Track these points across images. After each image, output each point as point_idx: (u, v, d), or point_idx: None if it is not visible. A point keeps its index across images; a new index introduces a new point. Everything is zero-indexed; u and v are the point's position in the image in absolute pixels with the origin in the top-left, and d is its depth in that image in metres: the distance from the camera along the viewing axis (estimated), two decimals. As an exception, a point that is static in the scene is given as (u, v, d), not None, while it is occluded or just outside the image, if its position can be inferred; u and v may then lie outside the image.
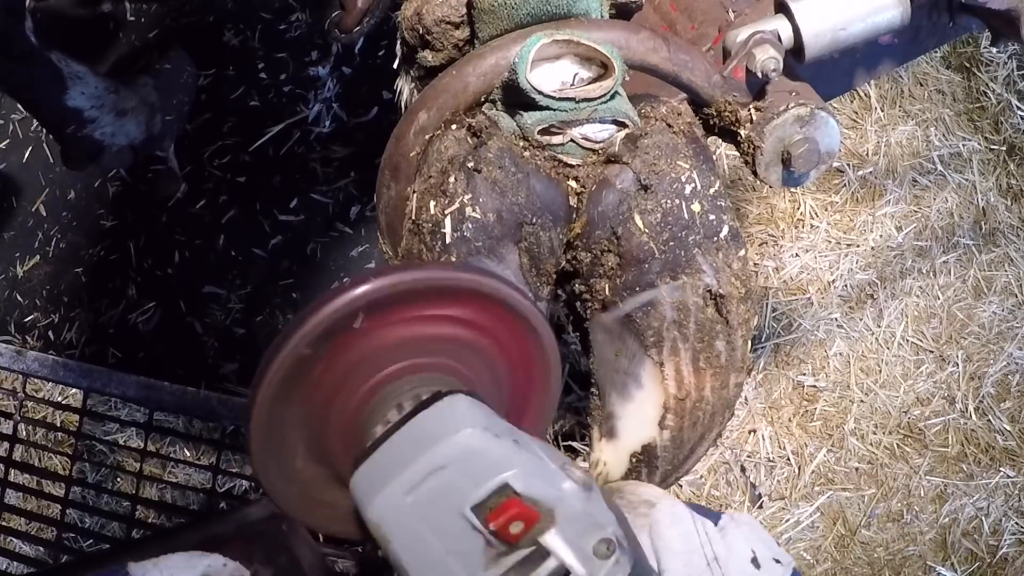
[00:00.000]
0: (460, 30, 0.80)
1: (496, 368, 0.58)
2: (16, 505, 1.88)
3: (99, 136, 1.75)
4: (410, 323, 0.54)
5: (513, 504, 0.46)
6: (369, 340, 0.53)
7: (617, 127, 0.74)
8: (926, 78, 2.05)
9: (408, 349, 0.54)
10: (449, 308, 0.54)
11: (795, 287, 1.96)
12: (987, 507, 1.85)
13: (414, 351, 0.54)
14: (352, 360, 0.53)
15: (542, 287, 0.74)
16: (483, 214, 0.70)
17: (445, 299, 0.54)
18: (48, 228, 2.07)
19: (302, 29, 2.04)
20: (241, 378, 1.90)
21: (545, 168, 0.74)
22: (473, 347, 0.56)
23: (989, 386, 1.90)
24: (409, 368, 0.54)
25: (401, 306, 0.53)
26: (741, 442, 1.90)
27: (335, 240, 1.94)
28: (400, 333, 0.54)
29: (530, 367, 0.59)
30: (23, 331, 2.03)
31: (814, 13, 0.80)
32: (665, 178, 0.73)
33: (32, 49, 1.54)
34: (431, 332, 0.54)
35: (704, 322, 0.75)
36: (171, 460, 1.93)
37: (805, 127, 0.80)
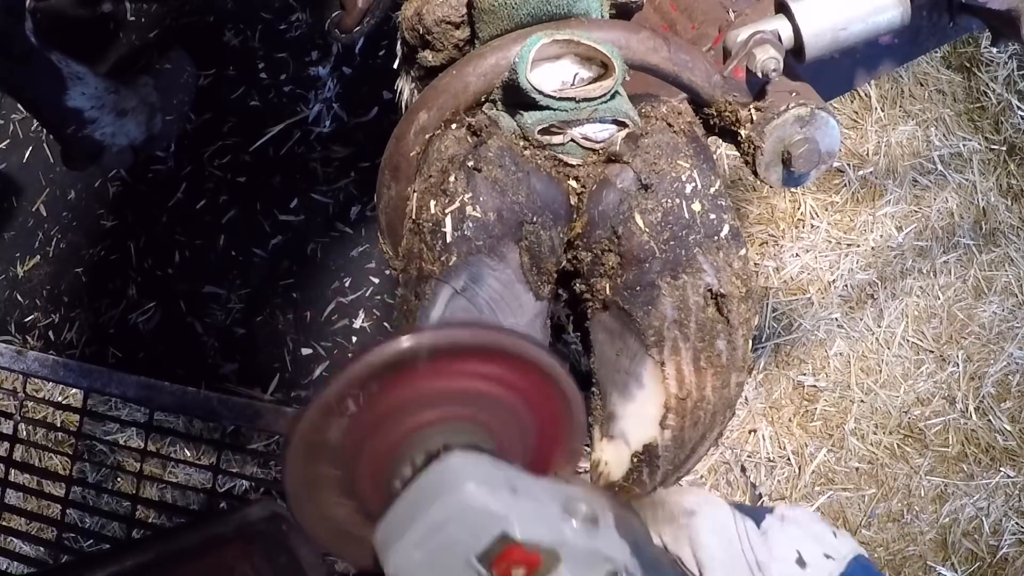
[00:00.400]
0: (460, 30, 0.80)
1: (522, 419, 0.60)
2: (16, 505, 1.88)
3: (99, 136, 1.75)
4: (443, 377, 0.56)
5: (514, 551, 0.49)
6: (402, 391, 0.56)
7: (617, 127, 0.74)
8: (926, 78, 2.05)
9: (438, 400, 0.57)
10: (481, 365, 0.57)
11: (795, 287, 1.96)
12: (987, 507, 1.85)
13: (444, 402, 0.57)
14: (386, 409, 0.56)
15: (543, 286, 0.74)
16: (483, 213, 0.70)
17: (478, 357, 0.57)
18: (48, 228, 2.07)
19: (302, 29, 2.05)
20: (241, 378, 1.90)
21: (545, 167, 0.74)
22: (500, 400, 0.59)
23: (989, 386, 1.90)
24: (437, 419, 0.57)
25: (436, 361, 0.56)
26: (741, 442, 1.90)
27: (335, 240, 1.94)
28: (433, 385, 0.56)
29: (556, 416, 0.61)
30: (23, 331, 2.03)
31: (814, 13, 0.80)
32: (666, 177, 0.73)
33: (32, 49, 1.54)
34: (462, 386, 0.57)
35: (705, 321, 0.75)
36: (171, 460, 1.93)
37: (805, 127, 0.80)
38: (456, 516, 0.51)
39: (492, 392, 0.57)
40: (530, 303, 0.74)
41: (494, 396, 0.58)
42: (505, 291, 0.72)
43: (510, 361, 0.57)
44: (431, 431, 0.57)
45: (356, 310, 1.91)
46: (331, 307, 1.92)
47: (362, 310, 1.91)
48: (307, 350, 1.90)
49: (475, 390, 0.57)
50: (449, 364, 0.56)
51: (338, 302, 1.91)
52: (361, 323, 1.90)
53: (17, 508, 1.88)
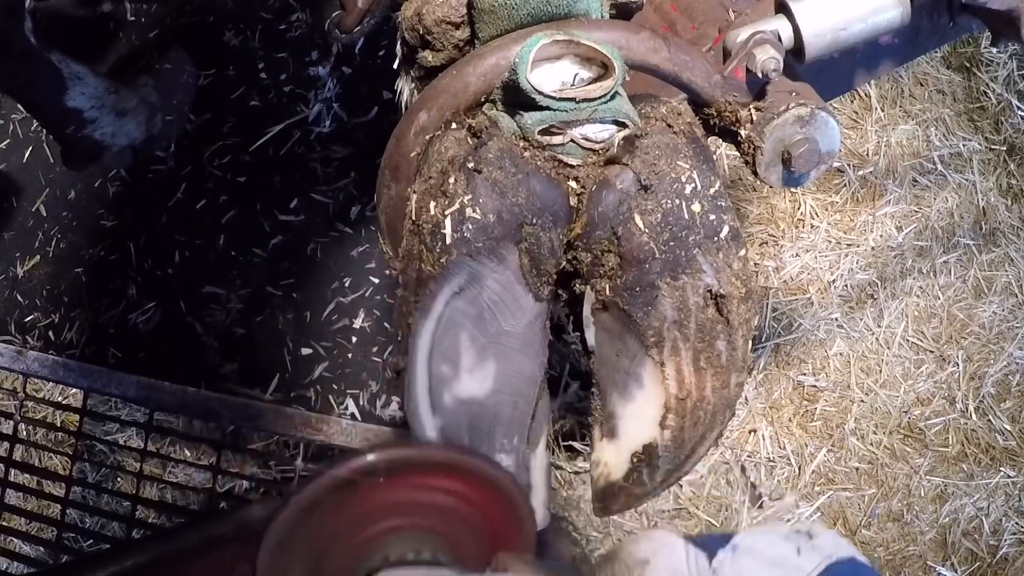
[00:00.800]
0: (460, 30, 0.80)
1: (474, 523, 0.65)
2: (16, 505, 1.88)
3: (99, 136, 1.75)
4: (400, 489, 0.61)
5: None
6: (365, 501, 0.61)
7: (617, 127, 0.74)
8: (926, 78, 2.05)
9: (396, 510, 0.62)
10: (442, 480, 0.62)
11: (795, 287, 1.96)
12: (987, 507, 1.85)
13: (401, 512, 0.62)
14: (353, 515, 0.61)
15: (542, 287, 0.74)
16: (483, 215, 0.70)
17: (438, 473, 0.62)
18: (48, 228, 2.07)
19: (302, 29, 2.04)
20: (241, 378, 1.90)
21: (545, 168, 0.74)
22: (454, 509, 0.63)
23: (989, 386, 1.90)
24: (396, 527, 0.62)
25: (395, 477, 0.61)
26: (741, 442, 1.90)
27: (335, 240, 1.94)
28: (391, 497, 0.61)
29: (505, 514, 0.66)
30: (23, 331, 2.03)
31: (814, 13, 0.80)
32: (665, 178, 0.73)
33: (32, 49, 1.54)
34: (416, 497, 0.62)
35: (705, 322, 0.75)
36: (171, 460, 1.93)
37: (805, 127, 0.80)
38: None
39: (447, 503, 0.62)
40: (529, 304, 0.74)
41: (449, 506, 0.63)
42: (504, 292, 0.72)
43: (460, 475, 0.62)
44: (389, 538, 0.62)
45: (356, 310, 1.91)
46: (331, 307, 1.92)
47: (362, 310, 1.91)
48: (307, 350, 1.90)
49: (429, 501, 0.62)
50: (406, 479, 0.61)
51: (338, 302, 1.91)
52: (361, 323, 1.90)
53: (17, 508, 1.88)
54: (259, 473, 1.86)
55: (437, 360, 0.72)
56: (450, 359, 0.72)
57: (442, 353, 0.72)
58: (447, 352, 0.72)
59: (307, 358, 1.90)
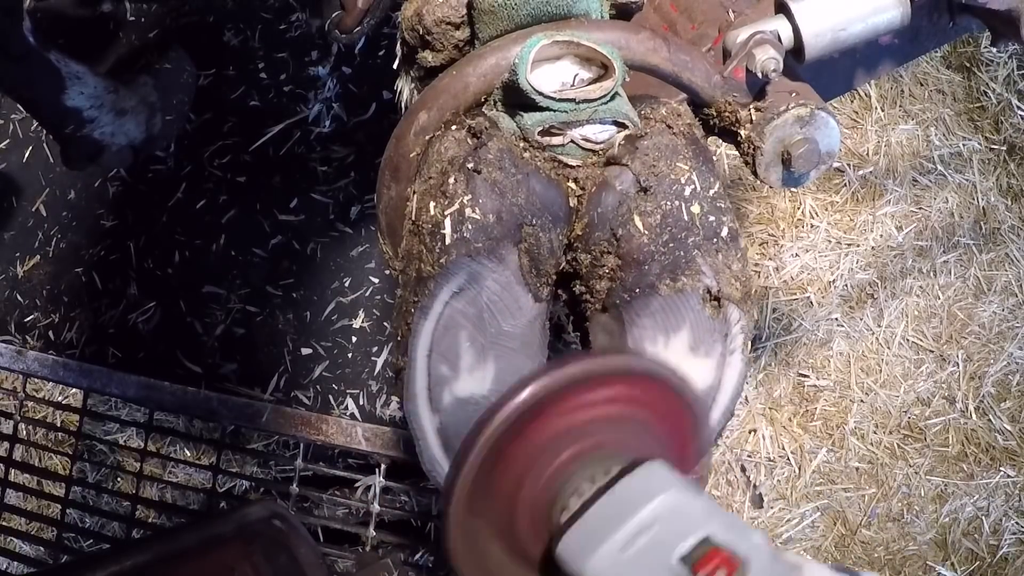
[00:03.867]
0: (460, 31, 0.80)
1: (659, 437, 0.63)
2: (16, 505, 1.88)
3: (98, 136, 1.75)
4: (578, 410, 0.60)
5: (717, 553, 0.51)
6: (537, 436, 0.59)
7: (617, 128, 0.74)
8: (926, 78, 2.05)
9: (574, 435, 0.60)
10: (612, 389, 0.60)
11: (795, 287, 1.96)
12: (987, 507, 1.85)
13: (580, 435, 0.60)
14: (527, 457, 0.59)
15: (542, 288, 0.74)
16: (483, 215, 0.70)
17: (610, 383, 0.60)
18: (48, 228, 2.07)
19: (302, 29, 2.04)
20: (241, 378, 1.90)
21: (545, 169, 0.74)
22: (635, 420, 0.62)
23: (989, 386, 1.90)
24: (587, 448, 0.60)
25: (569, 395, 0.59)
26: (741, 442, 1.90)
27: (335, 240, 1.94)
28: (571, 420, 0.59)
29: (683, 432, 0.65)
30: (23, 331, 2.03)
31: (814, 13, 0.80)
32: (665, 180, 0.73)
33: (30, 49, 1.54)
34: (599, 414, 0.60)
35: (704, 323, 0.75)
36: (171, 460, 1.93)
37: (805, 127, 0.80)
38: (664, 518, 0.52)
39: (624, 413, 0.61)
40: (529, 304, 0.74)
41: (627, 416, 0.61)
42: (504, 293, 0.72)
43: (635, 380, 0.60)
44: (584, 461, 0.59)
45: (356, 310, 1.91)
46: (331, 307, 1.91)
47: (362, 310, 1.91)
48: (307, 350, 1.90)
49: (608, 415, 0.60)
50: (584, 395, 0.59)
51: (338, 302, 1.91)
52: (361, 323, 1.90)
53: (17, 508, 1.88)
54: (259, 473, 1.87)
55: (436, 360, 0.72)
56: (449, 359, 0.72)
57: (441, 353, 0.72)
58: (446, 352, 0.72)
59: (307, 358, 1.90)
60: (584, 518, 0.55)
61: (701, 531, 0.51)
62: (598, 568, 0.53)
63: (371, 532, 1.68)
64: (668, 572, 0.51)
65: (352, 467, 1.79)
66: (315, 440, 1.74)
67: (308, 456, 1.79)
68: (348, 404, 1.86)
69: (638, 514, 0.53)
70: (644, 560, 0.52)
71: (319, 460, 1.81)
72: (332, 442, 1.74)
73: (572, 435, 0.60)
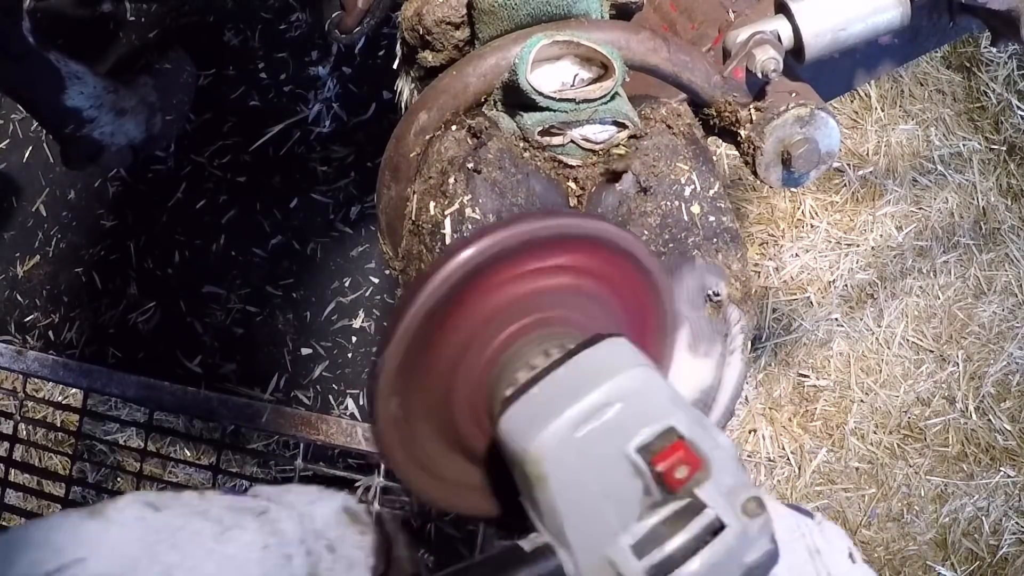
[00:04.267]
0: (460, 31, 0.80)
1: (614, 315, 0.56)
2: (16, 505, 1.88)
3: (98, 136, 1.75)
4: (523, 278, 0.52)
5: (680, 447, 0.45)
6: (485, 302, 0.52)
7: (617, 128, 0.74)
8: (926, 78, 2.05)
9: (526, 305, 0.53)
10: (559, 258, 0.52)
11: (795, 287, 1.96)
12: (987, 507, 1.85)
13: (533, 307, 0.53)
14: (472, 324, 0.52)
15: (542, 288, 0.74)
16: (483, 215, 0.70)
17: (554, 249, 0.52)
18: (48, 228, 2.07)
19: (302, 29, 2.04)
20: (241, 378, 1.90)
21: (545, 169, 0.74)
22: (590, 295, 0.54)
23: (989, 386, 1.90)
24: (532, 324, 0.53)
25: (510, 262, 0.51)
26: (741, 442, 1.90)
27: (335, 240, 1.94)
28: (515, 290, 0.52)
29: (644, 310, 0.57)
30: (23, 331, 2.03)
31: (814, 13, 0.80)
32: (664, 180, 0.73)
33: (30, 49, 1.54)
34: (551, 284, 0.53)
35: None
36: (171, 460, 1.93)
37: (805, 127, 0.80)
38: (626, 398, 0.46)
39: (575, 284, 0.53)
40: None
41: (578, 288, 0.53)
42: (504, 293, 0.72)
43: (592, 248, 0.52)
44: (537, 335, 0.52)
45: (356, 310, 1.91)
46: (331, 307, 1.91)
47: (362, 310, 1.91)
48: (307, 350, 1.90)
49: (557, 286, 0.52)
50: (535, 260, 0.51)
51: (338, 302, 1.91)
52: (361, 323, 1.90)
53: (17, 508, 1.88)
54: (259, 473, 1.87)
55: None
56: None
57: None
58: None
59: (307, 358, 1.90)
60: (534, 390, 0.48)
61: (665, 420, 0.46)
62: (544, 446, 0.46)
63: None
64: (622, 460, 0.45)
65: (352, 467, 1.79)
66: (315, 440, 1.74)
67: (308, 456, 1.79)
68: (348, 404, 1.86)
69: (597, 389, 0.46)
70: (597, 443, 0.46)
71: (319, 460, 1.81)
72: (332, 442, 1.74)
73: (521, 306, 0.52)
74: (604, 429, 0.46)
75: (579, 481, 0.46)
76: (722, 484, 0.45)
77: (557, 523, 0.46)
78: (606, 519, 0.45)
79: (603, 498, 0.46)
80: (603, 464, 0.46)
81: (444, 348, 0.52)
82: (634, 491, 0.45)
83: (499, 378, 0.52)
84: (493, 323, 0.52)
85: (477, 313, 0.51)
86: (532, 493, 0.47)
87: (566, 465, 0.46)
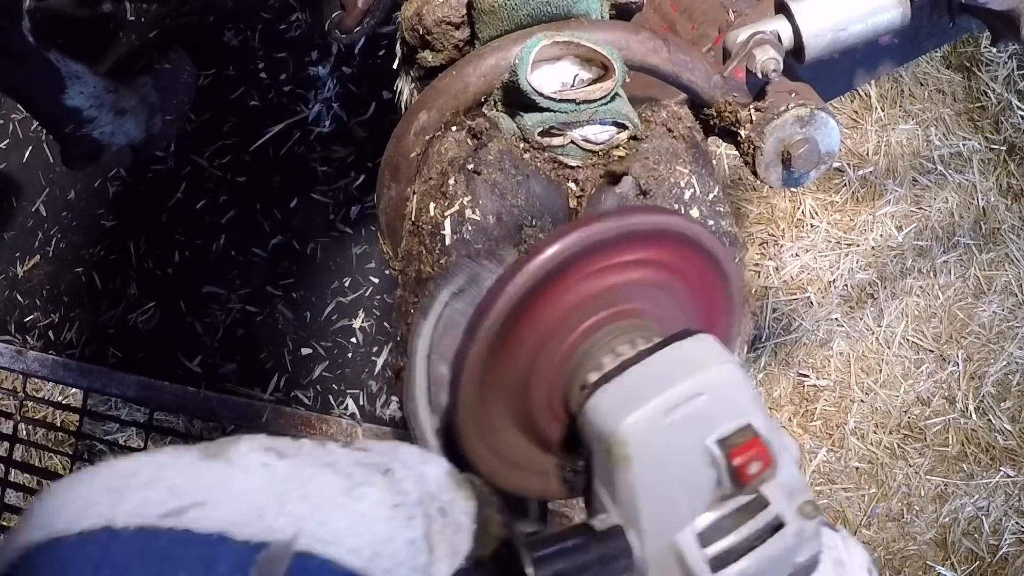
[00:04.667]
0: (460, 31, 0.80)
1: (685, 307, 0.58)
2: (16, 505, 1.88)
3: (98, 135, 1.75)
4: (601, 274, 0.54)
5: (756, 444, 0.47)
6: (568, 295, 0.54)
7: (618, 128, 0.74)
8: (926, 78, 2.04)
9: (608, 297, 0.55)
10: (637, 252, 0.55)
11: (795, 287, 1.96)
12: (987, 507, 1.85)
13: (614, 299, 0.55)
14: (556, 314, 0.54)
15: (542, 288, 0.74)
16: (483, 216, 0.70)
17: (634, 244, 0.55)
18: (48, 228, 2.07)
19: (302, 29, 2.04)
20: (241, 378, 1.90)
21: (545, 170, 0.74)
22: (663, 287, 0.57)
23: (989, 386, 1.90)
24: (614, 315, 0.55)
25: (591, 258, 0.54)
26: (741, 442, 1.90)
27: (335, 240, 1.94)
28: (597, 283, 0.54)
29: (713, 301, 0.60)
30: (23, 331, 2.03)
31: (814, 13, 0.80)
32: (664, 183, 0.73)
33: (30, 49, 1.54)
34: (624, 279, 0.55)
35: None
36: (171, 460, 1.93)
37: (805, 127, 0.80)
38: (714, 390, 0.49)
39: (652, 278, 0.56)
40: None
41: (654, 281, 0.56)
42: (504, 293, 0.72)
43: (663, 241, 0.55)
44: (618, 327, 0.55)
45: (356, 310, 1.91)
46: (331, 307, 1.92)
47: (362, 310, 1.91)
48: (307, 350, 1.90)
49: (634, 280, 0.55)
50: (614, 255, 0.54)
51: (338, 302, 1.91)
52: (361, 323, 1.90)
53: (17, 508, 1.88)
54: (259, 473, 1.86)
55: (436, 361, 0.72)
56: (449, 360, 0.72)
57: (441, 354, 0.72)
58: (446, 353, 0.72)
59: (307, 358, 1.90)
60: (626, 375, 0.50)
61: (746, 417, 0.48)
62: (635, 428, 0.48)
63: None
64: (703, 450, 0.48)
65: (352, 467, 1.79)
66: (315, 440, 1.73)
67: (308, 456, 1.79)
68: (348, 404, 1.86)
69: (689, 380, 0.48)
70: (682, 431, 0.48)
71: (319, 460, 1.81)
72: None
73: (600, 299, 0.54)
74: (690, 418, 0.48)
75: (660, 466, 0.48)
76: (785, 484, 0.48)
77: (633, 505, 0.48)
78: (678, 506, 0.48)
79: (679, 484, 0.48)
80: (684, 452, 0.48)
81: (524, 340, 0.54)
82: (708, 481, 0.48)
83: (580, 365, 0.55)
84: (573, 316, 0.54)
85: (557, 308, 0.54)
86: (612, 475, 0.49)
87: (651, 449, 0.48)
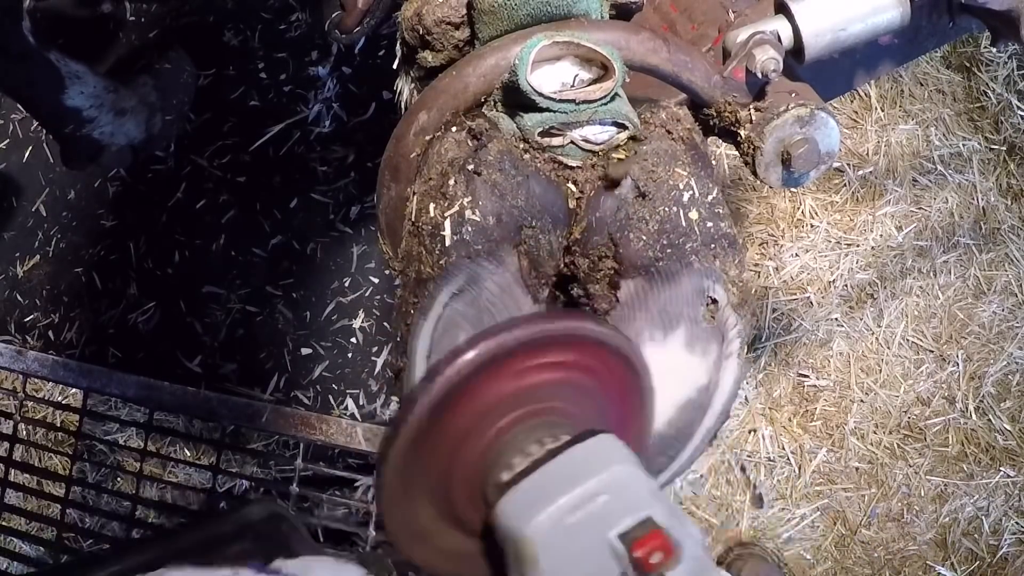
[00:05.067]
0: (460, 31, 0.80)
1: (600, 402, 0.62)
2: (16, 505, 1.88)
3: (98, 135, 1.75)
4: (520, 375, 0.58)
5: (657, 535, 0.50)
6: (485, 395, 0.58)
7: (617, 129, 0.74)
8: (926, 78, 2.04)
9: (522, 398, 0.59)
10: (552, 355, 0.59)
11: (795, 287, 1.96)
12: (987, 507, 1.85)
13: (528, 399, 0.59)
14: (473, 415, 0.58)
15: (541, 289, 0.74)
16: (483, 217, 0.70)
17: (549, 347, 0.59)
18: (48, 228, 2.07)
19: (302, 29, 2.04)
20: (241, 378, 1.90)
21: (545, 170, 0.74)
22: (577, 386, 0.61)
23: (989, 386, 1.90)
24: (527, 414, 0.59)
25: (507, 362, 0.58)
26: (741, 442, 1.90)
27: (335, 240, 1.94)
28: (513, 385, 0.58)
29: (625, 398, 0.64)
30: (23, 331, 2.03)
31: (814, 13, 0.80)
32: (663, 185, 0.72)
33: (30, 49, 1.54)
34: (540, 379, 0.59)
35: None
36: (171, 460, 1.93)
37: (805, 127, 0.80)
38: (612, 490, 0.52)
39: (568, 378, 0.59)
40: (528, 306, 0.74)
41: (570, 381, 0.59)
42: (503, 294, 0.72)
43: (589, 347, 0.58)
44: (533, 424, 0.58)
45: (356, 310, 1.91)
46: (331, 307, 1.92)
47: (362, 310, 1.91)
48: (307, 350, 1.90)
49: (551, 380, 0.59)
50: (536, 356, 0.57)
51: (338, 302, 1.92)
52: (361, 323, 1.90)
53: (17, 508, 1.88)
54: (259, 473, 1.87)
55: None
56: None
57: (440, 354, 0.72)
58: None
59: (307, 358, 1.90)
60: (532, 478, 0.54)
61: (645, 511, 0.51)
62: (539, 530, 0.51)
63: (371, 532, 1.68)
64: (606, 546, 0.50)
65: (352, 467, 1.79)
66: (315, 440, 1.74)
67: (308, 456, 1.79)
68: (348, 404, 1.86)
69: (589, 480, 0.52)
70: (585, 529, 0.51)
71: (319, 460, 1.81)
72: (332, 442, 1.74)
73: (520, 398, 0.58)
74: (592, 517, 0.52)
75: (567, 564, 0.51)
76: (689, 571, 0.50)
77: None
78: None
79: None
80: (588, 549, 0.51)
81: (447, 434, 0.57)
82: (613, 574, 0.51)
83: (495, 462, 0.58)
84: (489, 416, 0.58)
85: (478, 405, 0.58)
86: (522, 571, 0.52)
87: (556, 548, 0.51)
